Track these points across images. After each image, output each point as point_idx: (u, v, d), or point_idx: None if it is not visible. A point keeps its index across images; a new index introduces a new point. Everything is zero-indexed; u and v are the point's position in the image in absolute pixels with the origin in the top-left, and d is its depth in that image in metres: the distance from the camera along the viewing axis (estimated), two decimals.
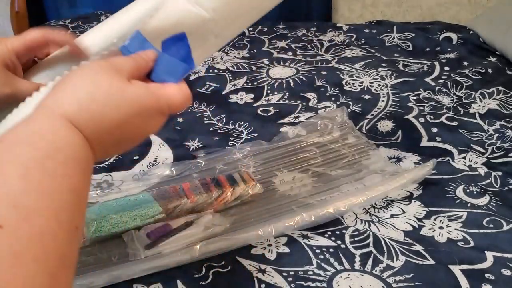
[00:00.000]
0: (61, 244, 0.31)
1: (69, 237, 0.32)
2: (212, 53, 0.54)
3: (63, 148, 0.34)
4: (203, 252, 0.60)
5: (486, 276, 0.58)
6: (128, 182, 0.77)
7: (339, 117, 0.92)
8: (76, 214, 0.33)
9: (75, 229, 0.32)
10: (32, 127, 0.35)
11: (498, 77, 1.09)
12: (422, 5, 1.83)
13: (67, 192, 0.32)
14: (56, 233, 0.30)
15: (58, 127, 0.35)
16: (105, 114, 0.37)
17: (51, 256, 0.29)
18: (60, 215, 0.31)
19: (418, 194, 0.73)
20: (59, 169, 0.33)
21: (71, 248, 0.32)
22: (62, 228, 0.31)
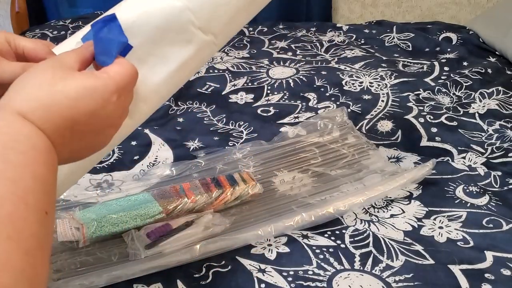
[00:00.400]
0: (32, 225, 0.32)
1: (40, 220, 0.33)
2: (209, 52, 0.53)
3: (21, 140, 0.36)
4: (203, 252, 0.60)
5: (486, 276, 0.58)
6: (128, 182, 0.77)
7: (339, 117, 0.92)
8: (43, 199, 0.35)
9: (45, 214, 0.34)
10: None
11: (498, 77, 1.09)
12: (422, 5, 1.83)
13: (30, 179, 0.34)
14: (25, 215, 0.32)
15: (12, 121, 0.37)
16: (53, 102, 0.38)
17: (23, 235, 0.31)
18: (26, 199, 0.33)
19: (417, 194, 0.73)
20: (19, 159, 0.34)
21: (44, 230, 0.34)
22: (31, 211, 0.33)
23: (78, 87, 0.39)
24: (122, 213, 0.64)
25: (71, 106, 0.39)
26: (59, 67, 0.41)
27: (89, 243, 0.63)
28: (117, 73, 0.42)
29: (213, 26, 0.50)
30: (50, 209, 0.36)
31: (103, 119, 0.41)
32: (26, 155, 0.35)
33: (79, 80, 0.40)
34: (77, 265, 0.59)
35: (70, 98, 0.39)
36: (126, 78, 0.42)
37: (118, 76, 0.42)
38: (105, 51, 0.44)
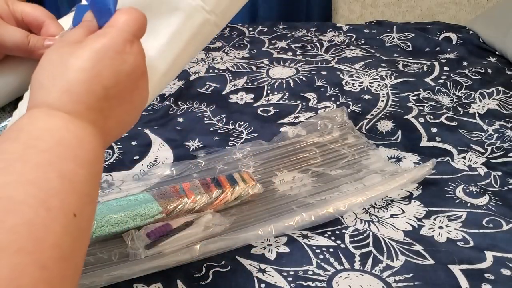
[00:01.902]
0: (55, 233, 0.29)
1: (65, 226, 0.30)
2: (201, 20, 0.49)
3: (44, 136, 0.33)
4: (203, 252, 0.60)
5: (486, 276, 0.58)
6: (128, 182, 0.77)
7: (339, 117, 0.92)
8: (72, 200, 0.31)
9: (73, 217, 0.31)
10: (12, 127, 0.34)
11: (498, 77, 1.09)
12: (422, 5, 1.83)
13: (55, 178, 0.31)
14: (46, 222, 0.29)
15: (36, 117, 0.34)
16: (73, 82, 0.36)
17: (41, 246, 0.28)
18: (49, 203, 0.29)
19: (417, 194, 0.73)
20: (42, 157, 0.31)
21: (70, 237, 0.30)
22: (53, 216, 0.29)
23: (90, 55, 0.37)
24: (122, 213, 0.64)
25: (92, 76, 0.36)
26: (66, 45, 0.38)
27: (89, 243, 0.63)
28: (121, 22, 0.39)
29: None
30: (79, 210, 0.32)
31: (130, 73, 0.38)
32: (50, 152, 0.32)
33: (88, 47, 0.37)
34: None
35: (87, 70, 0.36)
36: (132, 23, 0.39)
37: (123, 24, 0.39)
38: (103, 11, 0.41)
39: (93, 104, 0.36)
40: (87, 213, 0.33)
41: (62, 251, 0.29)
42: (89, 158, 0.35)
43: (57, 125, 0.34)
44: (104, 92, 0.37)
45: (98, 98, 0.36)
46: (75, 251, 0.31)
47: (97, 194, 0.36)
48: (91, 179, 0.34)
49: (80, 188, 0.32)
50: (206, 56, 1.29)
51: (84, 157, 0.34)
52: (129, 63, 0.38)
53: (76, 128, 0.35)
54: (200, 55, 1.29)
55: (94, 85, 0.36)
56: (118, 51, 0.37)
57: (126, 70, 0.38)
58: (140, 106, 0.42)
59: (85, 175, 0.33)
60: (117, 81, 0.37)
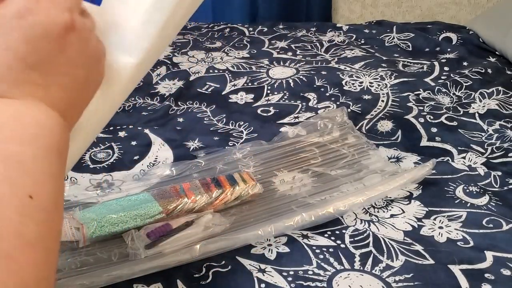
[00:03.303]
0: (10, 221, 0.26)
1: (21, 211, 0.27)
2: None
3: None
4: (203, 252, 0.60)
5: (486, 276, 0.58)
6: (128, 182, 0.77)
7: (339, 117, 0.92)
8: (22, 182, 0.28)
9: (29, 199, 0.28)
10: None
11: (498, 77, 1.09)
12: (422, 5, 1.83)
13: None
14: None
15: None
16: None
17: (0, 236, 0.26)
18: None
19: (417, 194, 0.73)
20: None
21: (31, 221, 0.28)
22: (6, 204, 0.27)
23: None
24: (122, 213, 0.64)
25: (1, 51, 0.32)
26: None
27: (89, 243, 0.63)
28: None
29: None
30: (39, 189, 0.29)
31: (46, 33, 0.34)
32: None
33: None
34: (77, 265, 0.59)
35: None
36: None
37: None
38: None
39: (17, 78, 0.33)
40: (48, 191, 0.30)
41: (25, 237, 0.27)
42: (35, 132, 0.31)
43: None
44: (23, 64, 0.33)
45: (20, 71, 0.33)
46: (42, 235, 0.28)
47: (61, 170, 0.32)
48: (45, 154, 0.31)
49: (32, 166, 0.30)
50: (206, 56, 1.29)
51: (25, 133, 0.31)
52: (39, 22, 0.34)
53: (7, 106, 0.32)
54: (200, 55, 1.29)
55: (9, 60, 0.32)
56: (21, 14, 0.33)
57: (38, 32, 0.34)
58: (89, 61, 0.37)
59: (34, 152, 0.30)
60: (33, 47, 0.33)
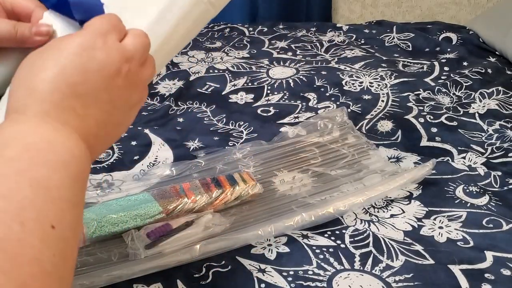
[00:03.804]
0: (31, 248, 0.27)
1: (42, 239, 0.28)
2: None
3: (11, 143, 0.30)
4: (203, 252, 0.60)
5: (486, 276, 0.58)
6: (128, 182, 0.77)
7: (339, 117, 0.92)
8: (47, 210, 0.29)
9: (51, 228, 0.28)
10: None
11: (498, 77, 1.09)
12: (422, 5, 1.83)
13: (26, 188, 0.28)
14: (21, 237, 0.27)
15: (2, 126, 0.32)
16: (37, 78, 0.34)
17: (18, 264, 0.26)
18: (23, 216, 0.27)
19: (417, 194, 0.73)
20: (10, 167, 0.29)
21: (50, 251, 0.28)
22: (28, 230, 0.27)
23: (53, 52, 0.36)
24: (122, 213, 0.64)
25: (56, 74, 0.34)
26: (42, 48, 0.37)
27: (89, 243, 0.63)
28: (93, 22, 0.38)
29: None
30: (62, 217, 0.29)
31: (100, 69, 0.36)
32: (18, 160, 0.30)
33: (52, 46, 0.36)
34: (77, 265, 0.59)
35: (49, 68, 0.35)
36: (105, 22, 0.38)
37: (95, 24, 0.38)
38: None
39: (60, 102, 0.34)
40: (69, 221, 0.30)
41: (43, 266, 0.27)
42: (64, 160, 0.32)
43: (23, 130, 0.32)
44: (71, 90, 0.35)
45: (66, 96, 0.34)
46: (58, 264, 0.28)
47: (82, 199, 0.33)
48: (70, 183, 0.32)
49: (57, 194, 0.30)
50: (206, 56, 1.29)
51: (57, 161, 0.32)
52: (99, 59, 0.36)
53: (44, 131, 0.33)
54: (200, 55, 1.29)
55: (59, 82, 0.34)
56: (86, 47, 0.36)
57: (94, 67, 0.36)
58: (126, 108, 0.40)
59: (62, 180, 0.31)
60: (85, 79, 0.35)
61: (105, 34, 0.38)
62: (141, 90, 0.41)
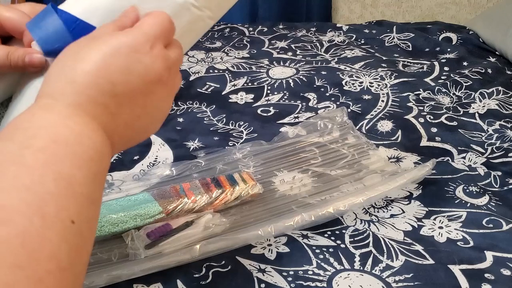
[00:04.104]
0: (50, 243, 0.27)
1: (62, 234, 0.27)
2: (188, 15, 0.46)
3: (40, 134, 0.30)
4: (203, 252, 0.60)
5: (486, 276, 0.58)
6: (128, 182, 0.77)
7: (339, 117, 0.92)
8: (68, 205, 0.29)
9: (70, 223, 0.28)
10: (10, 124, 0.32)
11: (498, 77, 1.09)
12: (422, 5, 1.83)
13: (50, 182, 0.28)
14: (41, 232, 0.26)
15: (33, 113, 0.32)
16: (77, 73, 0.34)
17: (36, 259, 0.25)
18: (44, 210, 0.27)
19: (417, 194, 0.73)
20: (37, 158, 0.29)
21: (68, 246, 0.28)
22: (49, 224, 0.27)
23: (102, 47, 0.35)
24: (122, 213, 0.64)
25: (99, 68, 0.34)
26: (86, 38, 0.37)
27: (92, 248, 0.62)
28: (146, 23, 0.38)
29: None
30: (81, 214, 0.29)
31: (143, 74, 0.36)
32: (45, 152, 0.29)
33: (102, 40, 0.36)
34: None
35: (95, 61, 0.34)
36: (157, 26, 0.38)
37: (148, 25, 0.38)
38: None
39: (96, 97, 0.34)
40: (87, 217, 0.31)
41: (60, 262, 0.27)
42: (89, 156, 0.32)
43: (53, 121, 0.32)
44: (110, 87, 0.35)
45: (103, 92, 0.34)
46: (74, 260, 0.28)
47: (100, 196, 0.33)
48: (92, 179, 0.32)
49: (79, 190, 0.30)
50: (206, 56, 1.29)
51: (83, 155, 0.32)
52: (144, 64, 0.36)
53: (74, 124, 0.33)
54: (200, 55, 1.29)
55: (100, 77, 0.34)
56: (134, 49, 0.36)
57: (139, 70, 0.36)
58: (156, 115, 0.40)
59: (85, 175, 0.31)
60: (126, 80, 0.36)
61: (155, 40, 0.38)
62: (171, 99, 0.41)
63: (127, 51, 0.36)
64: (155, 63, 0.37)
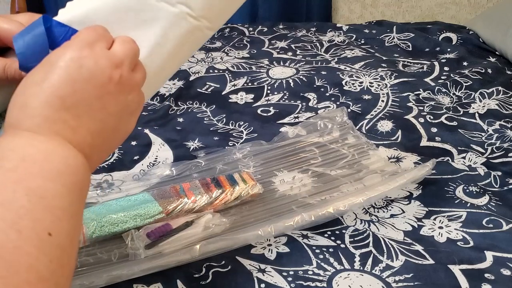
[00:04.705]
0: (28, 255, 0.28)
1: (39, 246, 0.28)
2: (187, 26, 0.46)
3: (8, 155, 0.32)
4: (203, 252, 0.60)
5: (486, 276, 0.58)
6: (128, 182, 0.77)
7: (339, 117, 0.92)
8: (43, 218, 0.30)
9: (47, 236, 0.29)
10: None
11: (498, 77, 1.09)
12: (422, 5, 1.83)
13: (23, 197, 0.29)
14: (18, 244, 0.27)
15: (2, 139, 0.33)
16: (32, 91, 0.34)
17: (14, 270, 0.27)
18: (19, 225, 0.28)
19: (417, 194, 0.73)
20: (8, 177, 0.30)
21: (46, 258, 0.29)
22: (25, 237, 0.28)
23: (42, 67, 0.36)
24: (122, 213, 0.64)
25: (45, 88, 0.35)
26: (38, 65, 0.37)
27: (89, 243, 0.63)
28: (78, 34, 0.38)
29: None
30: (59, 226, 0.30)
31: (89, 78, 0.36)
32: (15, 171, 0.31)
33: (46, 61, 0.36)
34: (77, 265, 0.59)
35: (38, 82, 0.35)
36: (90, 33, 0.38)
37: (80, 35, 0.38)
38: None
39: (50, 115, 0.34)
40: (66, 229, 0.31)
41: (39, 273, 0.28)
42: (59, 170, 0.33)
43: (20, 142, 0.33)
44: (60, 102, 0.35)
45: (55, 109, 0.35)
46: (56, 272, 0.29)
47: (80, 208, 0.34)
48: (65, 192, 0.33)
49: (53, 203, 0.31)
50: (206, 56, 1.29)
51: (52, 170, 0.33)
52: (86, 67, 0.36)
53: (39, 143, 0.33)
54: (200, 55, 1.29)
55: (47, 95, 0.35)
56: (72, 58, 0.36)
57: (83, 76, 0.36)
58: (121, 114, 0.39)
59: (57, 189, 0.32)
60: (73, 90, 0.35)
61: (92, 43, 0.38)
62: (136, 95, 0.41)
63: (66, 62, 0.36)
64: (98, 65, 0.37)
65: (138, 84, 0.41)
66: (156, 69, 0.45)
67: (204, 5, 0.45)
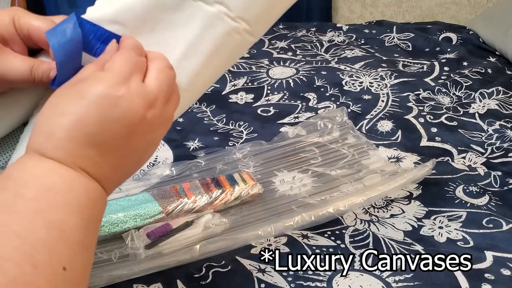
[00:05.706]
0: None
1: (52, 281, 0.28)
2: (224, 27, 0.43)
3: (31, 183, 0.31)
4: (203, 252, 0.60)
5: (486, 276, 0.58)
6: (128, 182, 0.77)
7: (339, 117, 0.92)
8: (59, 252, 0.29)
9: (62, 270, 0.28)
10: (3, 174, 0.32)
11: (498, 77, 1.09)
12: (422, 5, 1.83)
13: (42, 229, 0.29)
14: (31, 280, 0.27)
15: (24, 162, 0.32)
16: (55, 124, 0.33)
17: None
18: (35, 258, 0.27)
19: (417, 194, 0.73)
20: (28, 206, 0.29)
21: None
22: (40, 273, 0.27)
23: (75, 98, 0.34)
24: (121, 213, 0.64)
25: (74, 121, 0.33)
26: (67, 85, 0.36)
27: None
28: (116, 63, 0.36)
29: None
30: (73, 260, 0.30)
31: (121, 119, 0.34)
32: (37, 200, 0.30)
33: (76, 89, 0.35)
34: None
35: (69, 114, 0.33)
36: (126, 63, 0.36)
37: (117, 65, 0.36)
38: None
39: (75, 150, 0.33)
40: (80, 263, 0.31)
41: None
42: (81, 203, 0.32)
43: (45, 170, 0.32)
44: (87, 139, 0.33)
45: (81, 145, 0.33)
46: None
47: (94, 241, 0.33)
48: (85, 226, 0.32)
49: (71, 236, 0.30)
50: None
51: (75, 202, 0.32)
52: (121, 107, 0.34)
53: (64, 171, 0.32)
54: None
55: (74, 131, 0.33)
56: (105, 95, 0.34)
57: (115, 117, 0.34)
58: (146, 148, 0.38)
59: (77, 222, 0.31)
60: (103, 129, 0.34)
61: (127, 78, 0.35)
62: (165, 128, 0.39)
63: (99, 99, 0.34)
64: (132, 104, 0.35)
65: (170, 118, 0.39)
66: (191, 76, 0.43)
67: (243, 6, 0.42)
